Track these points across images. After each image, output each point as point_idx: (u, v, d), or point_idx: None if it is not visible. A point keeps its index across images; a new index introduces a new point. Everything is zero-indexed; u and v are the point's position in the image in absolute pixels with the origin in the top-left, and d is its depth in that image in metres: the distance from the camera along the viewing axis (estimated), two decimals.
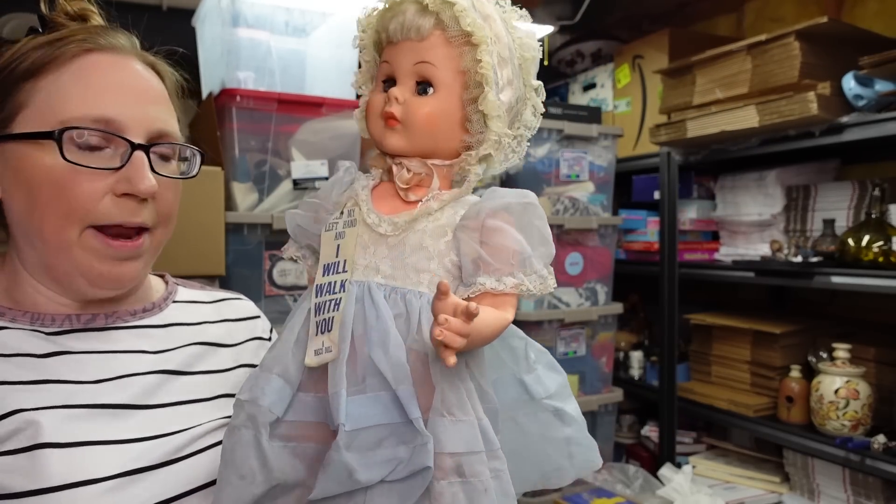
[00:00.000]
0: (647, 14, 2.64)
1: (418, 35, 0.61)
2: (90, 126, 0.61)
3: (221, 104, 1.52)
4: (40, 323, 0.65)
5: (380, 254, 0.61)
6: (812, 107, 1.57)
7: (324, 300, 0.59)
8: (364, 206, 0.63)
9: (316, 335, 0.58)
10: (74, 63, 0.63)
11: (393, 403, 0.55)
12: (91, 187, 0.61)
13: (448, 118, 0.63)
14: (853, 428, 1.63)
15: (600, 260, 2.08)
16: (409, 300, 0.58)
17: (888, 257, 1.56)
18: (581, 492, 1.95)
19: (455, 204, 0.63)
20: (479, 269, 0.58)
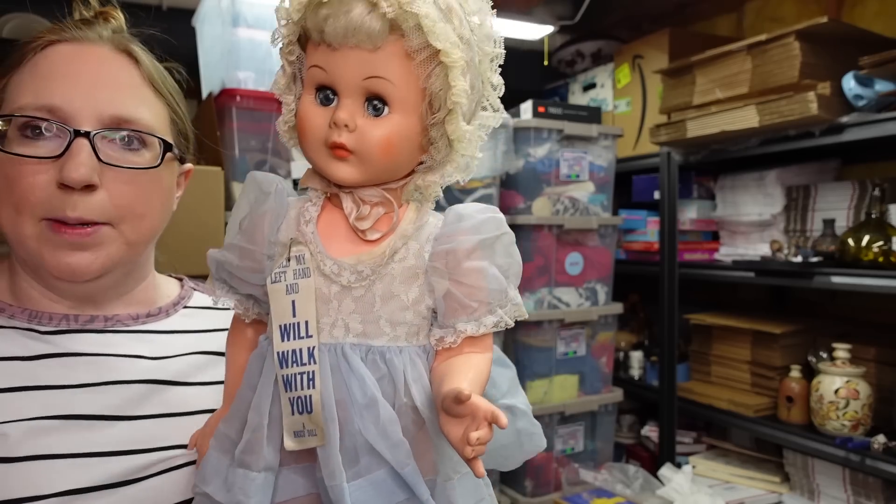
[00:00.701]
0: (647, 14, 2.64)
1: (369, 43, 0.49)
2: (32, 114, 0.59)
3: (221, 104, 1.52)
4: (37, 321, 0.65)
5: (345, 308, 0.52)
6: (812, 107, 1.57)
7: (292, 372, 0.50)
8: (313, 248, 0.53)
9: (292, 415, 0.50)
10: (37, 56, 0.62)
11: (393, 480, 0.51)
12: (33, 178, 0.59)
13: (408, 142, 0.52)
14: (853, 428, 1.63)
15: (600, 260, 2.08)
16: (390, 359, 0.52)
17: (888, 257, 1.56)
18: (581, 492, 1.95)
19: (417, 233, 0.54)
20: (456, 313, 0.53)
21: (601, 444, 2.11)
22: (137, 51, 0.68)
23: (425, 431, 0.52)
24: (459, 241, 0.53)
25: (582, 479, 2.02)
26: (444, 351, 0.54)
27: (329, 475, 0.49)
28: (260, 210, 0.55)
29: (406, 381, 0.52)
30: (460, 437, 0.46)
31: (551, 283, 1.98)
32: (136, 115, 0.64)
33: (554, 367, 1.99)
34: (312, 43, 0.52)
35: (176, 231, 1.32)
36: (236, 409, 0.54)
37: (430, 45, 0.49)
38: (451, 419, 0.47)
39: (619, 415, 2.30)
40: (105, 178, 0.62)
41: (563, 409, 1.98)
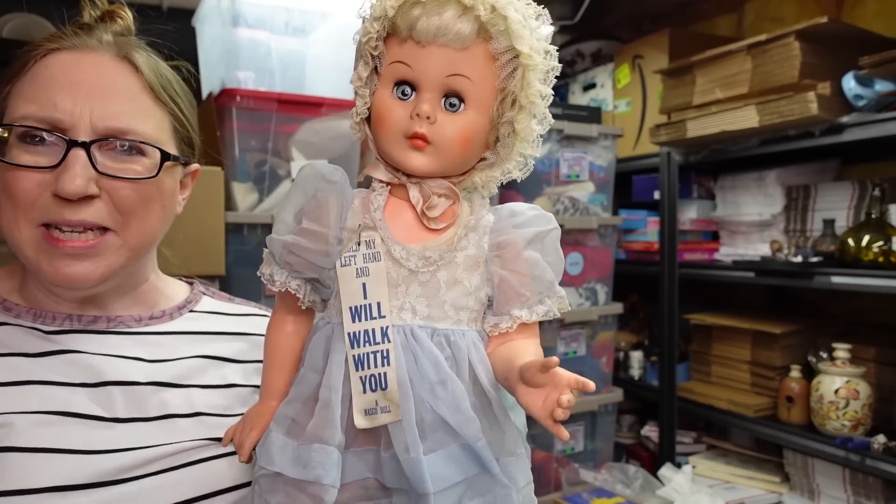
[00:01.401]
0: (647, 14, 2.64)
1: (458, 43, 0.52)
2: (31, 124, 0.60)
3: (221, 104, 1.52)
4: (41, 321, 0.66)
5: (413, 292, 0.55)
6: (812, 107, 1.57)
7: (365, 352, 0.52)
8: (383, 233, 0.55)
9: (363, 393, 0.52)
10: (38, 64, 0.63)
11: (463, 455, 0.53)
12: (29, 185, 0.60)
13: (479, 138, 0.57)
14: (853, 428, 1.63)
15: (600, 260, 2.08)
16: (455, 342, 0.55)
17: (888, 257, 1.56)
18: (581, 492, 1.95)
19: (476, 227, 0.58)
20: (511, 300, 0.57)
21: (601, 444, 2.11)
22: (138, 58, 0.68)
23: (490, 410, 0.55)
24: (516, 233, 0.57)
25: (582, 479, 2.02)
26: (498, 337, 0.57)
27: (404, 449, 0.51)
28: (325, 197, 0.57)
29: (471, 363, 0.55)
30: (541, 406, 0.49)
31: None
32: (134, 126, 0.64)
33: None
34: (398, 39, 0.54)
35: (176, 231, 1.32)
36: (299, 392, 0.56)
37: (513, 48, 0.53)
38: (530, 391, 0.50)
39: (619, 415, 2.29)
40: (104, 187, 0.62)
41: None
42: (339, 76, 1.69)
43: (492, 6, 0.52)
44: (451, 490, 0.52)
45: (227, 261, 1.40)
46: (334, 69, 1.68)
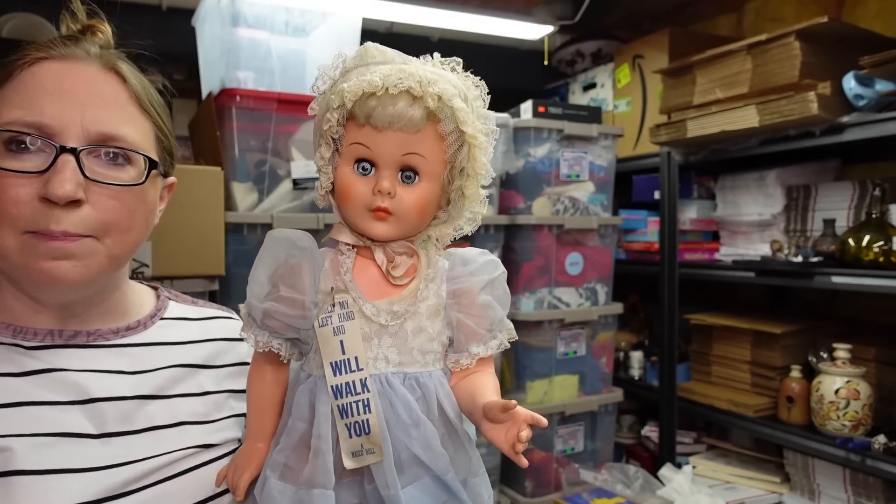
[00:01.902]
0: (647, 14, 2.64)
1: (411, 127, 0.60)
2: (18, 129, 0.60)
3: (221, 104, 1.52)
4: (22, 336, 0.66)
5: (385, 343, 0.62)
6: (812, 107, 1.57)
7: (348, 402, 0.59)
8: (354, 294, 0.62)
9: (349, 438, 0.59)
10: (24, 72, 0.63)
11: (434, 485, 0.61)
12: (16, 192, 0.60)
13: (433, 203, 0.64)
14: (853, 428, 1.63)
15: (600, 260, 2.08)
16: (423, 382, 0.63)
17: (888, 257, 1.56)
18: (581, 492, 1.95)
19: (434, 276, 0.65)
20: (469, 339, 0.65)
21: (601, 444, 2.11)
22: (124, 69, 0.69)
23: (457, 438, 0.63)
24: (470, 281, 0.65)
25: (582, 479, 2.02)
26: (459, 372, 0.65)
27: (385, 486, 0.58)
28: (298, 263, 0.63)
29: (438, 399, 0.62)
30: (503, 439, 0.57)
31: (551, 283, 1.98)
32: (122, 133, 0.65)
33: (554, 367, 1.99)
34: (356, 123, 0.61)
35: (176, 231, 1.32)
36: (289, 440, 0.62)
37: (459, 129, 0.61)
38: (493, 426, 0.58)
39: (619, 415, 2.29)
40: (90, 194, 0.62)
41: (563, 409, 1.98)
42: None
43: (438, 97, 0.59)
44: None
45: (226, 261, 1.40)
46: None
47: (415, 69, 0.60)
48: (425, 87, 0.59)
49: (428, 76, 0.59)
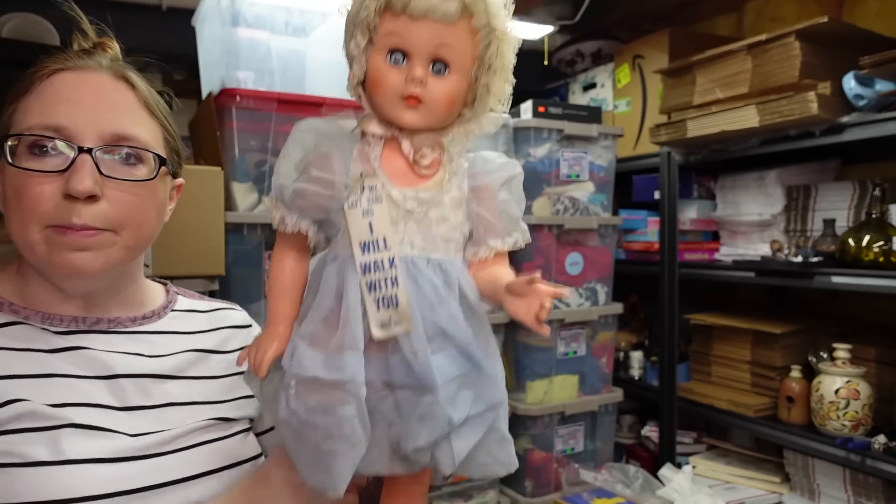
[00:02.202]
0: (647, 14, 2.64)
1: (445, 19, 0.62)
2: (39, 133, 0.66)
3: (221, 104, 1.52)
4: (49, 322, 0.72)
5: (410, 228, 0.65)
6: (812, 107, 1.57)
7: (376, 278, 0.63)
8: (383, 179, 0.65)
9: (378, 311, 0.62)
10: (44, 82, 0.70)
11: (459, 356, 0.64)
12: (40, 190, 0.66)
13: (461, 97, 0.67)
14: (853, 428, 1.63)
15: (600, 260, 2.08)
16: (446, 269, 0.66)
17: (888, 257, 1.56)
18: (581, 492, 1.95)
19: (458, 171, 0.68)
20: (487, 233, 0.69)
21: (601, 444, 2.11)
22: (133, 77, 0.75)
23: (476, 321, 0.66)
24: (490, 178, 0.69)
25: (582, 479, 2.02)
26: (477, 264, 0.69)
27: (413, 353, 0.62)
28: (329, 150, 0.66)
29: (459, 283, 0.66)
30: (526, 311, 0.60)
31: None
32: (134, 133, 0.71)
33: (554, 367, 1.99)
34: (392, 13, 0.63)
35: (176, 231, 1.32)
36: (317, 314, 0.65)
37: (490, 24, 0.64)
38: (516, 300, 0.62)
39: (619, 415, 2.29)
40: (106, 190, 0.68)
41: (563, 409, 1.98)
42: (339, 76, 1.68)
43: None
44: (451, 382, 0.63)
45: (226, 261, 1.40)
46: (334, 69, 1.68)
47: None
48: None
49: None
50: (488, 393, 0.65)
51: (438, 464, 0.63)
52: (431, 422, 0.62)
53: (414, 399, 0.62)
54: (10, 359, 0.67)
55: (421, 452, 0.62)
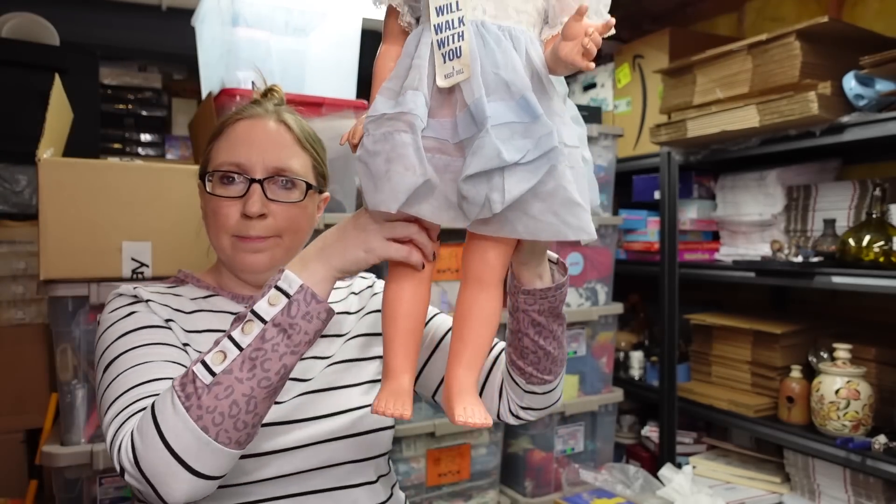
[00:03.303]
0: (647, 14, 2.64)
1: None
2: (226, 168, 0.91)
3: (221, 104, 1.51)
4: (237, 298, 0.97)
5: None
6: (813, 106, 1.57)
7: (445, 35, 0.68)
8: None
9: (444, 63, 0.67)
10: (230, 129, 0.95)
11: (518, 107, 0.66)
12: (227, 210, 0.91)
13: None
14: (854, 428, 1.63)
15: (600, 260, 2.08)
16: (516, 35, 0.69)
17: (889, 257, 1.56)
18: (581, 492, 1.95)
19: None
20: (563, 12, 0.70)
21: (601, 444, 2.11)
22: (289, 119, 0.97)
23: (540, 84, 0.69)
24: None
25: (582, 479, 2.02)
26: (551, 41, 0.70)
27: (471, 94, 0.65)
28: None
29: (527, 50, 0.69)
30: (575, 46, 0.63)
31: None
32: (289, 166, 0.93)
33: None
34: None
35: (176, 231, 1.32)
36: (397, 72, 0.71)
37: None
38: (568, 42, 0.64)
39: (620, 415, 2.29)
40: (271, 207, 0.91)
41: (564, 409, 1.97)
42: (339, 76, 1.69)
43: None
44: (505, 126, 0.65)
45: None
46: (334, 69, 1.68)
47: None
48: None
49: None
50: (544, 141, 0.66)
51: (491, 202, 0.65)
52: (481, 152, 0.64)
53: None
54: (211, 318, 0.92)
55: (473, 185, 0.65)
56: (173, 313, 0.89)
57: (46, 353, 2.01)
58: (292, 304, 0.71)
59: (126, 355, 0.80)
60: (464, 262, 0.75)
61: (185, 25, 1.81)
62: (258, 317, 0.71)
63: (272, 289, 0.72)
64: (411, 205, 0.68)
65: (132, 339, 0.82)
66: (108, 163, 1.40)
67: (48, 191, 1.22)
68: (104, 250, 1.27)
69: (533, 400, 0.89)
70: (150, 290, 0.92)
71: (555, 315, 0.82)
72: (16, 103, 2.02)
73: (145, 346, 0.81)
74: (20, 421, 1.99)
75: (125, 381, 0.77)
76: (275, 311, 0.71)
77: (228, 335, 0.71)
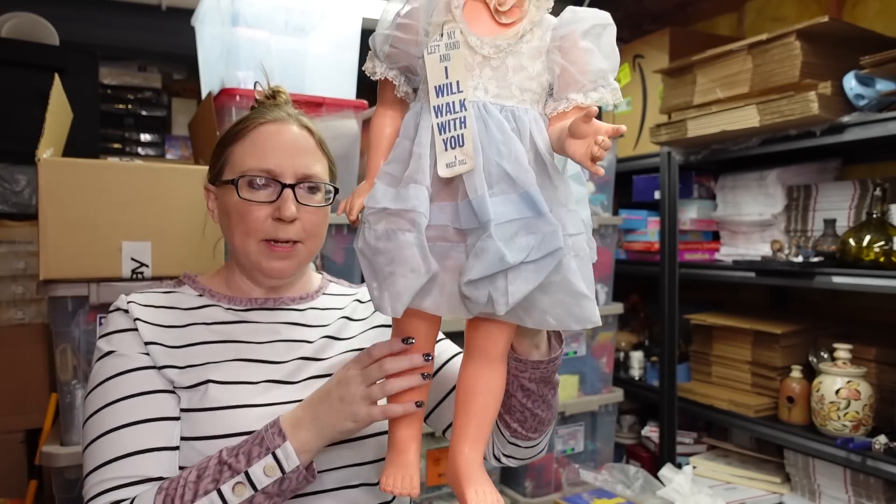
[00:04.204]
0: (647, 14, 2.64)
1: None
2: (256, 174, 0.91)
3: (221, 104, 1.51)
4: (233, 304, 0.97)
5: (485, 75, 0.67)
6: (813, 106, 1.57)
7: (446, 119, 0.66)
8: (462, 26, 0.67)
9: (445, 151, 0.65)
10: (253, 133, 0.94)
11: (521, 202, 0.65)
12: (258, 214, 0.90)
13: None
14: (854, 428, 1.62)
15: (600, 260, 2.07)
16: (519, 116, 0.67)
17: (889, 257, 1.56)
18: (581, 492, 1.95)
19: (540, 24, 0.69)
20: (568, 87, 0.68)
21: (601, 444, 2.11)
22: (310, 124, 0.98)
23: (545, 171, 0.67)
24: (574, 26, 0.68)
25: (582, 479, 2.02)
26: (556, 117, 0.69)
27: (474, 190, 0.64)
28: (416, 2, 0.69)
29: (531, 133, 0.67)
30: (584, 152, 0.62)
31: None
32: (315, 171, 0.94)
33: None
34: None
35: (176, 231, 1.32)
36: (396, 154, 0.70)
37: None
38: (576, 141, 0.63)
39: (620, 415, 2.29)
40: (300, 212, 0.91)
41: (564, 409, 1.97)
42: (339, 76, 1.69)
43: None
44: (508, 224, 0.64)
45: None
46: (334, 69, 1.68)
47: None
48: None
49: None
50: (549, 240, 0.65)
51: (494, 303, 0.64)
52: (484, 256, 0.63)
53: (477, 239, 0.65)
54: (202, 330, 0.92)
55: (475, 287, 0.64)
56: (161, 332, 0.89)
57: (46, 353, 2.01)
58: (285, 479, 0.75)
59: (109, 409, 0.82)
60: (467, 335, 0.74)
61: (185, 25, 1.81)
62: (251, 482, 0.74)
63: (270, 455, 0.75)
64: (414, 302, 0.67)
65: (115, 390, 0.83)
66: (108, 163, 1.40)
67: (48, 191, 1.22)
68: (104, 250, 1.27)
69: (515, 451, 0.90)
70: (143, 304, 0.92)
71: (546, 382, 0.82)
72: (16, 103, 2.02)
73: (129, 398, 0.83)
74: (20, 421, 1.99)
75: (108, 448, 0.80)
76: (268, 481, 0.74)
77: (218, 490, 0.73)
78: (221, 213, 0.96)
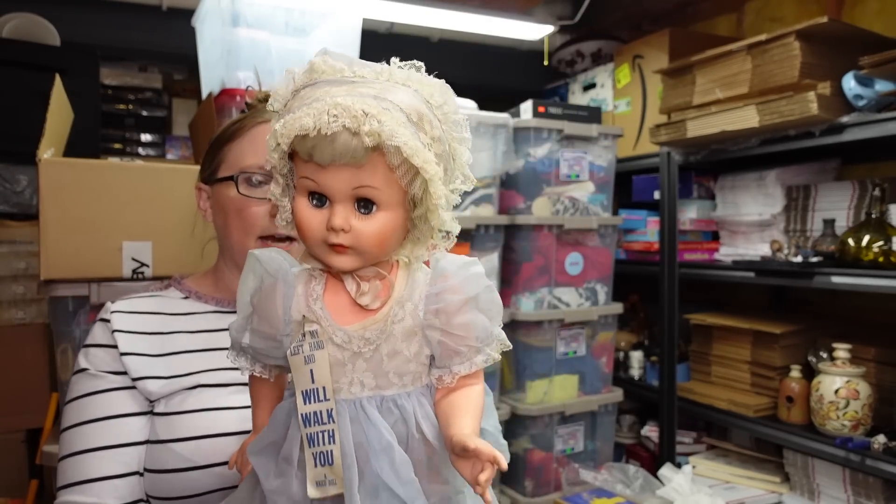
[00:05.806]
0: (647, 14, 2.64)
1: (355, 163, 0.56)
2: (255, 171, 0.91)
3: (221, 104, 1.52)
4: (220, 306, 0.96)
5: (359, 368, 0.61)
6: (812, 107, 1.57)
7: (315, 431, 0.60)
8: (324, 323, 0.61)
9: (315, 467, 0.59)
10: (252, 131, 0.94)
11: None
12: (256, 211, 0.90)
13: (396, 230, 0.61)
14: (853, 428, 1.63)
15: (600, 260, 2.08)
16: (401, 405, 0.61)
17: (888, 257, 1.56)
18: (581, 492, 1.95)
19: (410, 295, 0.62)
20: (450, 358, 0.62)
21: (601, 444, 2.11)
22: None
23: (437, 456, 0.62)
24: (448, 300, 0.61)
25: (582, 479, 2.03)
26: (442, 389, 0.63)
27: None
28: (270, 289, 0.63)
29: (416, 419, 0.61)
30: (471, 474, 0.57)
31: (551, 283, 1.98)
32: None
33: (554, 367, 1.99)
34: (301, 159, 0.59)
35: (176, 231, 1.32)
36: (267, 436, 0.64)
37: (407, 162, 0.57)
38: (459, 460, 0.58)
39: (619, 415, 2.30)
40: None
41: (563, 409, 1.98)
42: None
43: (378, 134, 0.55)
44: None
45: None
46: None
47: (351, 102, 0.55)
48: (361, 125, 0.55)
49: (367, 108, 0.55)
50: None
51: None
52: None
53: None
54: (186, 339, 0.91)
55: None
56: (141, 341, 0.88)
57: (47, 353, 2.02)
58: None
59: (79, 430, 0.84)
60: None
61: (186, 25, 1.81)
62: None
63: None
64: None
65: (84, 411, 0.85)
66: (109, 163, 1.40)
67: (48, 191, 1.22)
68: (104, 250, 1.27)
69: None
70: (127, 311, 0.91)
71: None
72: (17, 103, 2.02)
73: (96, 421, 0.84)
74: (20, 421, 1.99)
75: (74, 469, 0.83)
76: None
77: None
78: (217, 211, 0.96)
